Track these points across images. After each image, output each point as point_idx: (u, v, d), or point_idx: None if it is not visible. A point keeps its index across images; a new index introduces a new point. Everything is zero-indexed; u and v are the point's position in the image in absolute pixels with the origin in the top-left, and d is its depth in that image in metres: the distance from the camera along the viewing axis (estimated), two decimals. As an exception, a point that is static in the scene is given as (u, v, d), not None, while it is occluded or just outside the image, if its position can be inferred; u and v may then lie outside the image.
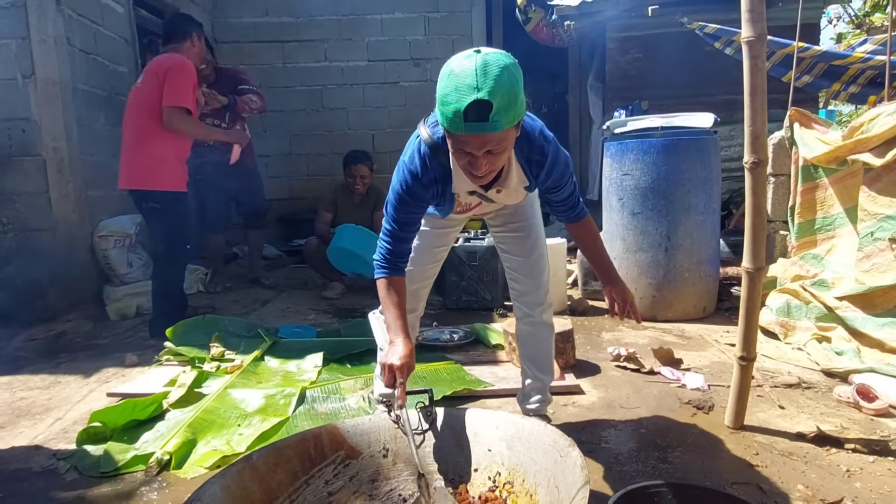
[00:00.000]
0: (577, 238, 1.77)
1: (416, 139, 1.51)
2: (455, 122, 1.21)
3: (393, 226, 1.56)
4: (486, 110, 1.18)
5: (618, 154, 3.36)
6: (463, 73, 1.19)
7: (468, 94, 1.17)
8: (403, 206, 1.52)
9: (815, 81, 3.89)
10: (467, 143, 1.25)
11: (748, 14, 1.45)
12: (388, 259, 1.57)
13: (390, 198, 1.55)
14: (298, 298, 4.03)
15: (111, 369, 2.67)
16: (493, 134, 1.22)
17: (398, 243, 1.57)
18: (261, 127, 6.42)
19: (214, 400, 2.12)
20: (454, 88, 1.20)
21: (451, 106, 1.20)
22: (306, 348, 2.65)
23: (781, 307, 2.84)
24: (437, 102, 1.26)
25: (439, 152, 1.44)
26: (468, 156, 1.29)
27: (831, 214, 2.98)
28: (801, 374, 2.38)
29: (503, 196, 1.59)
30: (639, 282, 3.31)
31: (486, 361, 2.59)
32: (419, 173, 1.47)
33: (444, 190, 1.52)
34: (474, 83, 1.17)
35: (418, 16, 6.30)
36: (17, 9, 3.51)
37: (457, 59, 1.24)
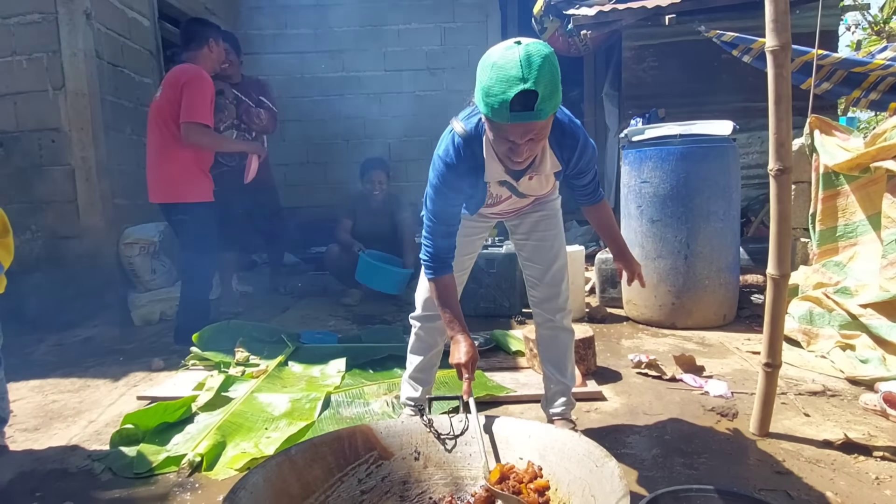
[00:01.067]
0: (595, 218, 1.86)
1: (449, 133, 1.56)
2: (501, 112, 1.26)
3: (433, 220, 1.59)
4: (531, 100, 1.24)
5: (636, 162, 3.38)
6: (507, 64, 1.24)
7: (515, 85, 1.23)
8: (441, 198, 1.56)
9: (834, 88, 3.87)
10: (511, 131, 1.30)
11: (772, 24, 1.47)
12: (433, 257, 1.61)
13: (428, 192, 1.59)
14: (318, 305, 4.08)
15: (139, 373, 2.72)
16: (536, 122, 1.28)
17: (441, 239, 1.60)
18: (280, 136, 6.52)
19: (242, 404, 2.15)
20: (499, 79, 1.24)
21: (498, 97, 1.25)
22: (329, 354, 2.68)
23: (804, 315, 2.82)
24: (479, 93, 1.30)
25: (472, 142, 1.51)
26: (510, 143, 1.34)
27: (853, 222, 2.96)
28: (826, 382, 2.37)
29: (534, 184, 1.63)
30: (658, 289, 3.31)
31: (507, 367, 2.61)
32: (454, 163, 1.52)
33: (476, 180, 1.57)
34: (520, 74, 1.22)
35: (434, 26, 6.38)
36: (48, 23, 3.63)
37: (498, 51, 1.28)
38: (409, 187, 5.90)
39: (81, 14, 3.64)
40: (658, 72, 5.13)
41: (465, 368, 1.49)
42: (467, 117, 1.55)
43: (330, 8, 6.31)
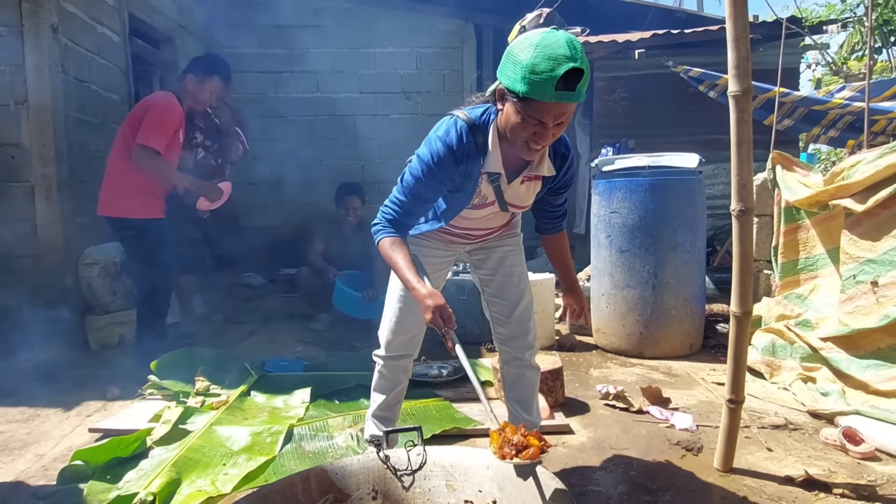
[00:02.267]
0: (552, 249, 1.87)
1: (450, 119, 1.53)
2: (545, 90, 1.27)
3: (406, 197, 1.54)
4: (577, 79, 1.27)
5: (606, 192, 3.43)
6: (554, 43, 1.27)
7: (563, 63, 1.25)
8: (427, 179, 1.51)
9: (796, 125, 4.03)
10: (548, 111, 1.31)
11: (734, 70, 1.51)
12: (392, 222, 1.55)
13: (414, 168, 1.52)
14: (285, 329, 4.00)
15: (93, 402, 2.61)
16: (571, 104, 1.31)
17: (405, 216, 1.56)
18: (252, 155, 6.44)
19: (199, 437, 2.07)
20: (547, 57, 1.25)
21: (544, 73, 1.25)
22: (294, 383, 2.61)
23: (767, 346, 2.87)
24: (516, 72, 1.30)
25: (476, 129, 1.50)
26: (539, 126, 1.34)
27: (814, 255, 3.05)
28: (788, 415, 2.40)
29: (523, 190, 1.62)
30: (626, 318, 3.33)
31: (475, 398, 2.55)
32: (454, 145, 1.48)
33: (471, 169, 1.53)
34: (568, 53, 1.26)
35: (411, 51, 6.43)
36: (13, 36, 3.53)
37: (536, 34, 1.30)
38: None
39: (48, 28, 3.55)
40: (628, 103, 5.26)
41: (441, 322, 1.46)
42: (471, 109, 1.55)
43: (307, 29, 6.32)
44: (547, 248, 1.88)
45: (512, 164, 1.54)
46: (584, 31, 5.33)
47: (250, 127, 4.21)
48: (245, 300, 4.95)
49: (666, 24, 5.38)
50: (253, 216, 6.43)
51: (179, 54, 5.56)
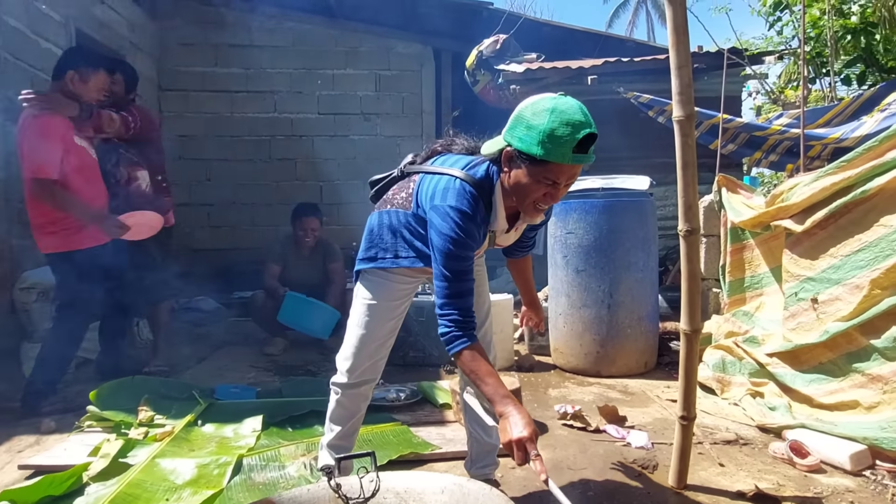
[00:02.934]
0: (518, 269, 1.96)
1: (452, 182, 1.49)
2: (563, 154, 1.34)
3: (452, 280, 1.45)
4: (591, 143, 1.36)
5: (562, 213, 3.48)
6: (569, 109, 1.35)
7: (581, 128, 1.33)
8: (463, 251, 1.45)
9: (739, 150, 4.22)
10: (563, 173, 1.39)
11: (678, 96, 1.56)
12: (460, 324, 1.44)
13: (443, 248, 1.44)
14: (238, 355, 3.86)
15: (26, 437, 2.43)
16: (581, 166, 1.39)
17: (464, 298, 1.46)
18: (205, 175, 6.31)
19: (141, 471, 1.96)
20: (565, 122, 1.33)
21: (564, 138, 1.33)
22: (245, 411, 2.51)
23: (717, 363, 2.95)
24: (532, 137, 1.35)
25: (482, 190, 1.50)
26: (551, 187, 1.41)
27: (758, 274, 3.16)
28: (739, 430, 2.46)
29: (511, 236, 1.66)
30: (583, 338, 3.37)
31: (434, 422, 2.54)
32: (472, 213, 1.46)
33: (485, 230, 1.55)
34: (583, 119, 1.35)
35: (370, 72, 6.47)
36: (-53, 51, 3.37)
37: (549, 100, 1.38)
38: (342, 231, 5.82)
39: (-14, 43, 3.41)
40: (583, 127, 5.39)
41: (531, 443, 1.29)
42: (470, 166, 1.53)
43: (264, 49, 6.28)
44: (512, 268, 1.93)
45: (509, 216, 1.58)
46: (540, 57, 5.48)
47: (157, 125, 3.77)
48: (195, 325, 4.78)
49: (618, 52, 5.58)
50: (205, 238, 6.26)
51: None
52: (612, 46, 6.03)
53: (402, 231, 1.62)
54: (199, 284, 5.67)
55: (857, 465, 2.04)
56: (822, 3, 4.65)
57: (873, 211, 2.23)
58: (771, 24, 5.38)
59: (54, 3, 4.18)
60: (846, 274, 2.32)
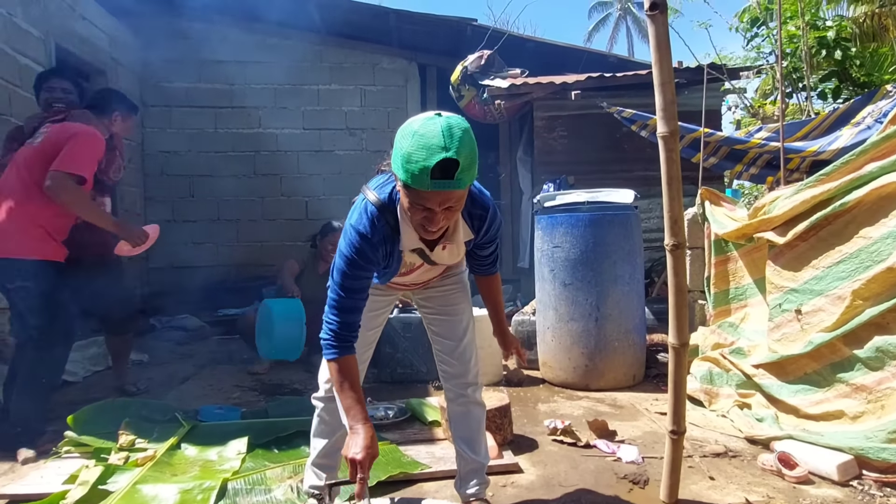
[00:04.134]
0: (485, 289, 1.89)
1: (361, 202, 1.53)
2: (421, 179, 1.26)
3: (341, 294, 1.51)
4: (452, 168, 1.26)
5: (548, 227, 3.50)
6: (429, 132, 1.26)
7: (436, 153, 1.24)
8: (354, 271, 1.50)
9: (720, 163, 4.28)
10: (429, 199, 1.31)
11: (662, 113, 1.58)
12: (337, 335, 1.50)
13: (338, 264, 1.52)
14: (223, 374, 3.79)
15: (0, 464, 2.35)
16: (455, 191, 1.30)
17: (348, 314, 1.52)
18: (188, 191, 6.25)
19: (122, 498, 1.90)
20: (421, 146, 1.26)
21: (419, 164, 1.25)
22: (229, 432, 2.46)
23: (704, 375, 2.96)
24: (398, 160, 1.30)
25: (387, 211, 1.49)
26: (427, 211, 1.34)
27: (742, 285, 3.20)
28: (728, 443, 2.46)
29: (447, 253, 1.61)
30: (572, 351, 3.37)
31: (423, 440, 2.51)
32: (368, 233, 1.48)
33: (392, 250, 1.53)
34: (442, 143, 1.25)
35: (355, 88, 6.48)
36: (-78, 67, 3.31)
37: (419, 121, 1.30)
38: (327, 246, 5.78)
39: (-37, 59, 3.35)
40: (567, 141, 5.46)
41: (361, 467, 1.37)
42: (380, 186, 1.54)
43: (248, 64, 6.27)
44: (480, 287, 1.90)
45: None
46: (524, 73, 5.54)
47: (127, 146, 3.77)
48: (179, 343, 4.70)
49: (600, 67, 5.67)
50: (188, 255, 6.18)
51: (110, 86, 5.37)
52: (594, 62, 6.12)
53: None
54: (183, 302, 5.60)
55: (845, 476, 2.05)
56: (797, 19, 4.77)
57: (853, 223, 2.27)
58: (749, 39, 5.51)
59: (33, 19, 4.15)
60: (828, 285, 2.35)
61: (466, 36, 5.98)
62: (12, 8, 3.95)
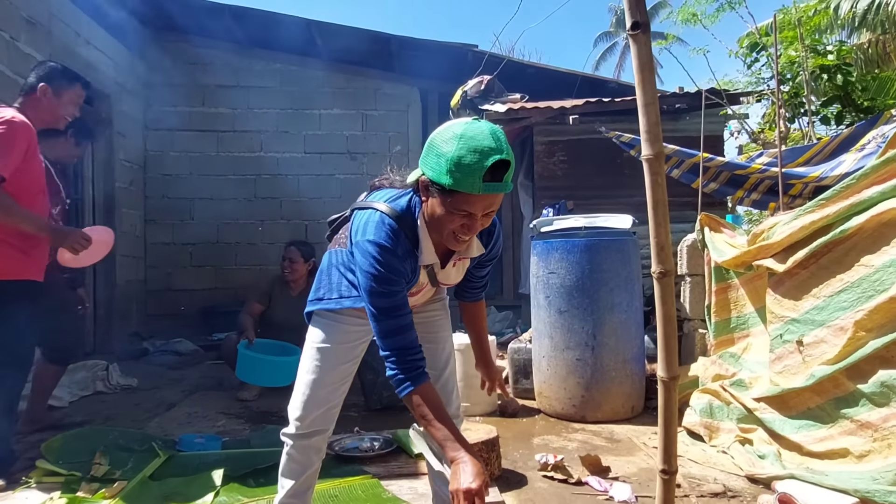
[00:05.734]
0: (470, 317, 1.81)
1: (374, 215, 1.42)
2: (472, 183, 1.23)
3: (383, 318, 1.37)
4: (503, 171, 1.25)
5: (544, 252, 3.43)
6: (478, 135, 1.24)
7: (491, 155, 1.22)
8: (387, 287, 1.37)
9: (721, 188, 4.21)
10: (476, 203, 1.27)
11: (646, 135, 1.52)
12: (404, 363, 1.37)
13: (369, 287, 1.37)
14: (210, 400, 3.71)
15: (-33, 494, 2.27)
16: (499, 195, 1.29)
17: (403, 335, 1.38)
18: (188, 214, 6.25)
19: (83, 534, 1.81)
20: (472, 149, 1.22)
21: (472, 166, 1.22)
22: (206, 464, 2.37)
23: (704, 408, 2.84)
24: (442, 165, 1.25)
25: (405, 223, 1.42)
26: (467, 218, 1.30)
27: (744, 314, 3.09)
28: (727, 481, 2.34)
29: (454, 271, 1.56)
30: (567, 381, 3.26)
31: (407, 474, 2.40)
32: (391, 245, 1.38)
33: (414, 265, 1.45)
34: (493, 144, 1.23)
35: (356, 112, 6.52)
36: (-79, 89, 3.34)
37: (459, 126, 1.27)
38: (325, 270, 5.73)
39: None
40: (567, 165, 5.41)
41: (479, 496, 1.21)
42: (393, 199, 1.46)
43: (251, 89, 6.33)
44: (464, 315, 1.82)
45: (442, 249, 1.48)
46: (524, 98, 5.53)
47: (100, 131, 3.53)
48: (171, 368, 4.63)
49: (601, 92, 5.66)
50: (186, 278, 6.16)
51: (114, 110, 5.43)
52: (595, 87, 6.12)
53: (343, 270, 1.56)
54: (178, 326, 5.56)
55: (851, 521, 1.92)
56: (797, 44, 4.74)
57: (854, 250, 2.18)
58: (749, 64, 5.49)
59: (37, 43, 4.20)
60: (830, 315, 2.25)
61: (467, 61, 6.01)
62: (16, 33, 4.01)
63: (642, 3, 1.56)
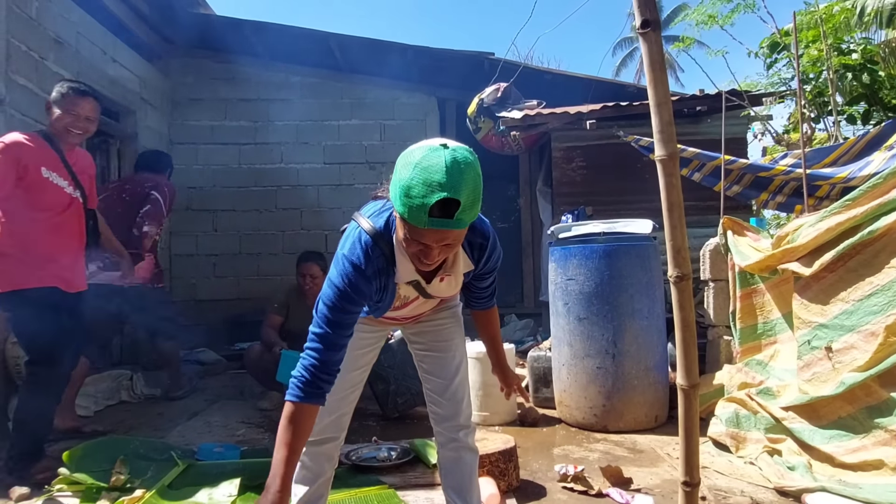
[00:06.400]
0: (482, 324, 1.80)
1: (355, 230, 1.45)
2: (418, 216, 1.18)
3: (326, 329, 1.38)
4: (452, 209, 1.18)
5: (562, 259, 3.38)
6: (432, 167, 1.17)
7: (436, 191, 1.15)
8: (344, 302, 1.39)
9: (744, 191, 4.11)
10: (426, 235, 1.23)
11: (659, 135, 1.48)
12: (312, 375, 1.35)
13: (327, 295, 1.40)
14: (231, 409, 3.74)
15: (-7, 502, 2.32)
16: (453, 230, 1.23)
17: (330, 352, 1.38)
18: (211, 226, 6.35)
19: (102, 542, 1.83)
20: (421, 182, 1.17)
21: (416, 199, 1.17)
22: (224, 473, 2.37)
23: (731, 417, 2.75)
24: (396, 190, 1.22)
25: (381, 241, 1.41)
26: (423, 246, 1.26)
27: (771, 320, 3.00)
28: (755, 494, 2.26)
29: (444, 285, 1.53)
30: (588, 390, 3.20)
31: (424, 485, 2.37)
32: (362, 265, 1.39)
33: (386, 283, 1.45)
34: (443, 179, 1.16)
35: (375, 122, 6.56)
36: (-44, 109, 3.46)
37: (421, 151, 1.21)
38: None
39: (-7, 101, 3.50)
40: (586, 171, 5.35)
41: None
42: (376, 214, 1.47)
43: (272, 102, 6.42)
44: (477, 323, 1.80)
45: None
46: (541, 104, 5.50)
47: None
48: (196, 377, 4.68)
49: (619, 97, 5.59)
50: (210, 288, 6.24)
51: (140, 125, 5.56)
52: (613, 92, 6.05)
53: None
54: (202, 335, 5.63)
55: (888, 536, 1.83)
56: (820, 42, 4.62)
57: (883, 252, 2.10)
58: (769, 65, 5.36)
59: (65, 62, 4.33)
60: (860, 320, 2.16)
61: (483, 69, 6.00)
62: (45, 52, 4.13)
63: (652, 1, 1.53)
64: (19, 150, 2.42)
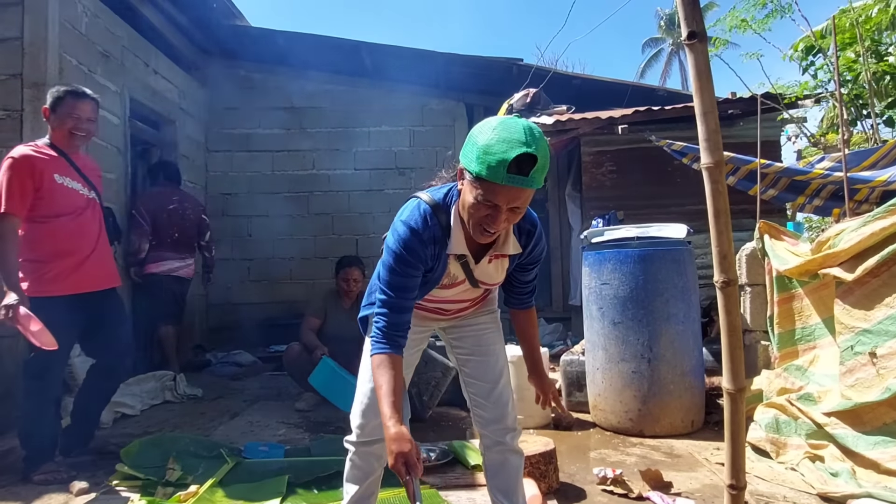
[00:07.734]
0: (520, 325, 1.82)
1: (414, 201, 1.54)
2: (497, 172, 1.27)
3: (389, 293, 1.48)
4: (529, 165, 1.27)
5: (596, 263, 3.40)
6: (512, 128, 1.29)
7: (517, 147, 1.26)
8: (402, 267, 1.47)
9: (780, 195, 4.07)
10: (500, 194, 1.31)
11: (705, 143, 1.52)
12: (386, 334, 1.47)
13: (387, 261, 1.50)
14: (270, 410, 3.84)
15: (56, 496, 2.43)
16: (526, 189, 1.31)
17: (397, 314, 1.48)
18: (246, 231, 6.51)
19: (162, 535, 1.92)
20: (502, 140, 1.27)
21: (497, 155, 1.26)
22: (271, 471, 2.47)
23: (770, 423, 2.74)
24: (473, 152, 1.32)
25: (440, 211, 1.50)
26: (492, 209, 1.33)
27: (810, 325, 2.97)
28: (798, 499, 2.25)
29: (491, 269, 1.59)
30: (623, 394, 3.21)
31: (464, 485, 2.42)
32: (419, 229, 1.47)
33: (439, 252, 1.52)
34: (523, 138, 1.27)
35: (404, 129, 6.65)
36: (13, 119, 3.64)
37: (498, 119, 1.34)
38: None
39: (47, 113, 3.66)
40: (616, 175, 5.36)
41: (397, 470, 1.35)
42: (434, 190, 1.56)
43: (304, 110, 6.57)
44: (515, 323, 1.84)
45: (477, 243, 1.52)
46: (570, 109, 5.52)
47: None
48: (232, 378, 4.82)
49: (649, 101, 5.58)
50: (245, 292, 6.40)
51: (179, 134, 5.74)
52: (643, 96, 6.04)
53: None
54: (238, 338, 5.78)
55: (938, 543, 1.81)
56: (856, 45, 4.55)
57: (931, 257, 2.08)
58: (804, 68, 5.29)
59: (111, 74, 4.51)
60: (906, 326, 2.14)
61: (512, 75, 6.06)
62: (93, 66, 4.32)
63: (698, 12, 1.56)
64: (31, 161, 2.49)
